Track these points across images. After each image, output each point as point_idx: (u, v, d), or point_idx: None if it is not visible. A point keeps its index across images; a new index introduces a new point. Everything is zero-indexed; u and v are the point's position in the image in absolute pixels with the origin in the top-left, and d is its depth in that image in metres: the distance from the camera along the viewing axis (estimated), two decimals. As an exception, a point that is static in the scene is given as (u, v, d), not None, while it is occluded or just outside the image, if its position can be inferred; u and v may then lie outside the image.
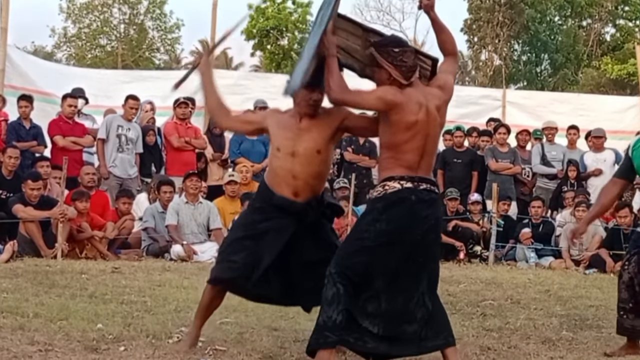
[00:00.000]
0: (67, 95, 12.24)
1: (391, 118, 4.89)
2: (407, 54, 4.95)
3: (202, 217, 11.21)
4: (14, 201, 10.21)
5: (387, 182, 4.91)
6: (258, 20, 39.39)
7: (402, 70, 4.92)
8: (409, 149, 4.91)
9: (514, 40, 44.30)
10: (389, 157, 4.97)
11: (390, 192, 4.88)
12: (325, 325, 4.79)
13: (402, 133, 4.88)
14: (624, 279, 5.91)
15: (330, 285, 4.82)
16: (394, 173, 4.91)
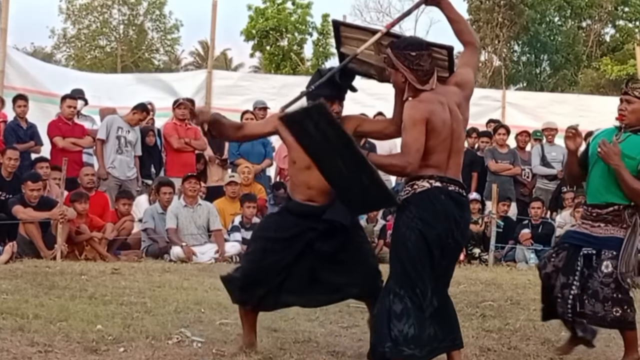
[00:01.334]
0: (67, 97, 12.23)
1: (426, 129, 4.79)
2: (424, 57, 4.86)
3: (201, 219, 11.21)
4: (13, 202, 10.21)
5: (416, 182, 4.84)
6: (257, 21, 39.39)
7: (419, 74, 4.85)
8: (435, 150, 4.83)
9: (514, 41, 44.29)
10: (420, 163, 4.85)
11: (419, 191, 4.82)
12: (398, 340, 4.71)
13: (434, 138, 4.79)
14: (547, 270, 5.66)
15: (398, 300, 4.76)
16: (423, 173, 4.83)
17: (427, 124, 4.75)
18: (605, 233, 5.51)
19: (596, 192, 5.55)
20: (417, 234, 4.76)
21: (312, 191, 5.29)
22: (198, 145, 12.75)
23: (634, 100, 5.50)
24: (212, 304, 7.17)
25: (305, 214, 5.31)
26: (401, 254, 4.82)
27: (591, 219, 5.57)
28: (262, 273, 5.31)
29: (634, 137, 5.51)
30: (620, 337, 6.07)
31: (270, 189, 13.21)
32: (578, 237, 5.63)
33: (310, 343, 5.87)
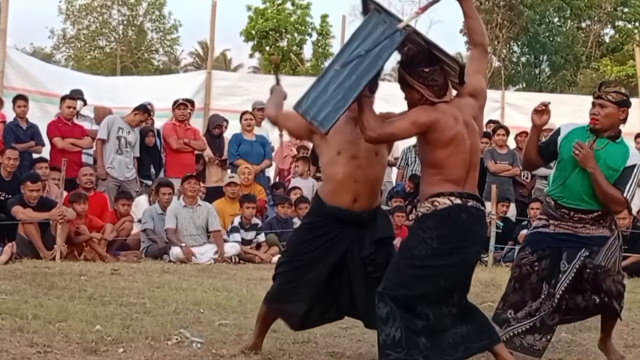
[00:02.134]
0: (66, 97, 12.23)
1: (428, 137, 4.80)
2: (438, 72, 4.84)
3: (200, 219, 11.21)
4: (13, 203, 10.20)
5: (436, 198, 4.81)
6: (257, 22, 39.41)
7: (434, 89, 4.83)
8: (454, 164, 4.83)
9: (513, 42, 44.30)
10: (434, 174, 4.86)
11: (440, 209, 4.80)
12: (385, 344, 4.74)
13: (442, 149, 4.78)
14: (532, 281, 5.50)
15: (383, 304, 4.77)
16: (443, 189, 4.82)
17: (427, 132, 4.78)
18: (594, 233, 5.48)
19: (579, 198, 5.44)
20: (429, 251, 4.77)
21: (359, 185, 5.16)
22: (197, 145, 12.76)
23: (607, 105, 5.46)
24: (211, 304, 7.18)
25: (346, 220, 5.21)
26: (403, 268, 4.83)
27: (572, 221, 5.48)
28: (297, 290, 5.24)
29: (613, 145, 5.50)
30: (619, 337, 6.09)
31: (269, 189, 13.22)
32: (561, 238, 5.50)
33: (310, 344, 5.87)
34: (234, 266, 10.57)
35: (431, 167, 4.88)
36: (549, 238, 5.53)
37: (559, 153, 5.57)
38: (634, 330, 6.92)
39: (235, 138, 12.95)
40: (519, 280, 5.52)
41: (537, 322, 5.44)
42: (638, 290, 9.45)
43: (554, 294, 5.42)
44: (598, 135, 5.50)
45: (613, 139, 5.54)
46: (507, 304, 5.54)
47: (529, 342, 5.45)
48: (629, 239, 11.35)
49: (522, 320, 5.45)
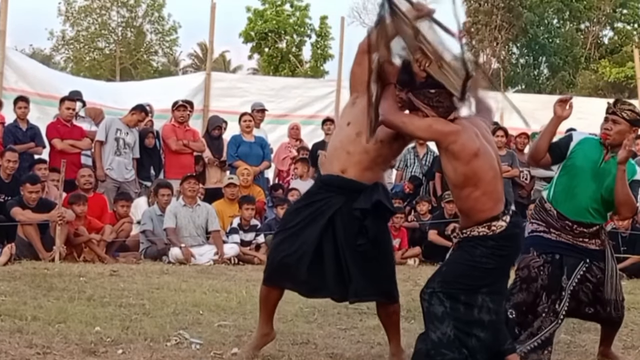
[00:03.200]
0: (65, 98, 12.23)
1: (451, 148, 4.74)
2: (443, 94, 4.82)
3: (200, 219, 11.21)
4: (12, 204, 10.20)
5: (492, 223, 4.82)
6: (256, 23, 39.42)
7: (440, 111, 4.82)
8: (492, 178, 4.84)
9: (512, 44, 44.36)
10: (478, 196, 4.80)
11: (499, 232, 4.82)
12: (441, 342, 4.75)
13: (476, 160, 4.75)
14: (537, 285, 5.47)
15: (438, 302, 4.79)
16: (494, 213, 4.82)
17: (442, 140, 4.77)
18: (590, 246, 5.52)
19: (584, 211, 5.46)
20: (491, 265, 4.82)
21: (351, 157, 5.16)
22: (196, 147, 12.76)
23: (620, 121, 5.46)
24: (211, 305, 7.18)
25: (337, 185, 5.21)
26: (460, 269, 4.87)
27: (573, 234, 5.50)
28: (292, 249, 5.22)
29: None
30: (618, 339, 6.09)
31: (268, 190, 13.22)
32: (563, 246, 5.52)
33: (309, 345, 5.87)
34: (233, 267, 10.57)
35: (469, 186, 4.79)
36: (553, 244, 5.54)
37: (570, 159, 5.57)
38: (633, 332, 6.92)
39: (234, 139, 12.95)
40: (526, 281, 5.50)
41: (540, 340, 5.45)
42: (637, 292, 9.44)
43: (558, 313, 5.45)
44: (608, 150, 5.51)
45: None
46: (509, 303, 5.50)
47: (533, 359, 5.45)
48: (628, 240, 11.35)
49: (524, 342, 5.42)
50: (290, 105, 16.16)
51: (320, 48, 40.13)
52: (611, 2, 43.73)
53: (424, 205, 12.52)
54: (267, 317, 5.49)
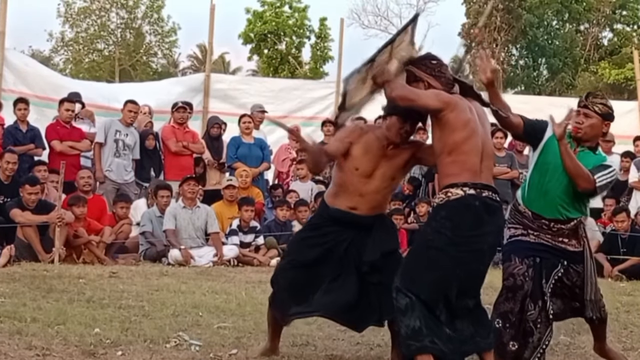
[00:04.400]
0: (64, 100, 12.22)
1: (447, 117, 4.85)
2: (444, 66, 5.03)
3: (200, 221, 11.21)
4: (11, 206, 10.20)
5: (450, 189, 4.89)
6: (255, 25, 39.41)
7: (442, 81, 4.99)
8: (469, 149, 4.90)
9: (512, 45, 44.35)
10: (450, 162, 4.91)
11: (453, 199, 4.87)
12: (407, 335, 4.78)
13: (460, 131, 4.86)
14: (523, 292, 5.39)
15: (402, 295, 4.81)
16: (458, 179, 4.88)
17: (445, 110, 4.84)
18: (571, 247, 5.44)
19: (558, 207, 5.39)
20: (444, 241, 4.82)
21: (363, 199, 5.26)
22: (196, 148, 12.76)
23: (592, 115, 5.41)
24: (210, 307, 7.18)
25: (347, 222, 5.28)
26: (419, 258, 4.89)
27: (551, 233, 5.42)
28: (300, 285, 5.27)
29: (592, 154, 5.44)
30: (618, 340, 6.09)
31: (267, 192, 13.23)
32: (541, 249, 5.45)
33: (309, 346, 5.88)
34: (233, 269, 10.57)
35: (448, 154, 4.91)
36: (532, 246, 5.48)
37: (541, 156, 5.48)
38: (633, 333, 6.92)
39: (234, 141, 12.95)
40: (512, 290, 5.45)
41: (542, 349, 5.40)
42: (636, 293, 9.44)
43: (549, 317, 5.39)
44: (579, 144, 5.45)
45: (592, 150, 5.48)
46: (496, 312, 5.46)
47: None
48: (627, 242, 11.35)
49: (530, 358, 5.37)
50: (290, 106, 16.15)
51: (320, 49, 40.12)
52: (610, 4, 43.73)
53: (423, 207, 12.52)
54: (274, 335, 5.56)
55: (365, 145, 5.25)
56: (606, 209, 12.57)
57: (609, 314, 7.65)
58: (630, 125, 15.82)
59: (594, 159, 5.42)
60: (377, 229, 5.30)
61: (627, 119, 16.14)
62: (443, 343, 4.77)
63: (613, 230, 11.71)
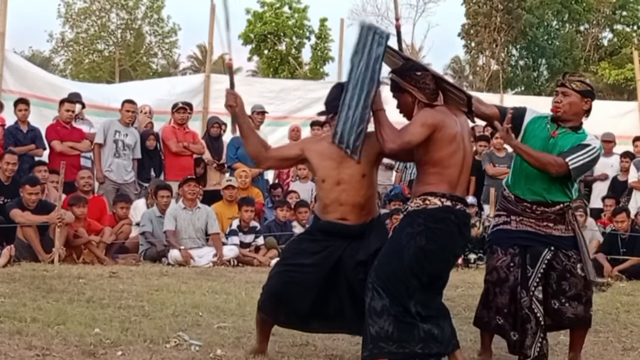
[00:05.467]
0: (65, 100, 12.23)
1: (435, 136, 4.94)
2: (429, 77, 5.04)
3: (200, 222, 11.21)
4: (11, 206, 10.20)
5: (428, 197, 5.01)
6: (255, 25, 39.41)
7: (426, 92, 5.02)
8: (452, 163, 5.01)
9: (512, 45, 44.37)
10: (433, 173, 5.03)
11: (430, 208, 4.98)
12: (379, 336, 4.84)
13: (447, 147, 4.97)
14: (510, 284, 5.39)
15: (378, 297, 4.88)
16: (437, 189, 5.00)
17: (435, 131, 4.92)
18: (558, 232, 5.41)
19: (539, 190, 5.36)
20: (416, 249, 4.91)
21: (345, 207, 5.24)
22: (196, 149, 12.77)
23: (570, 93, 5.39)
24: (210, 307, 7.18)
25: (338, 233, 5.27)
26: (393, 261, 4.93)
27: (534, 217, 5.39)
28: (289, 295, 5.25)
29: (573, 134, 5.38)
30: (618, 341, 6.08)
31: (267, 192, 13.22)
32: (524, 236, 5.42)
33: (308, 347, 5.87)
34: (233, 269, 10.57)
35: (432, 166, 5.02)
36: (514, 235, 5.45)
37: (522, 139, 5.45)
38: (633, 333, 6.92)
39: (234, 141, 12.93)
40: (497, 284, 5.44)
41: (543, 332, 5.40)
42: (636, 293, 9.44)
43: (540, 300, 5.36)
44: (559, 125, 5.42)
45: (575, 129, 5.43)
46: (492, 311, 5.47)
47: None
48: (627, 242, 11.35)
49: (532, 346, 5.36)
50: (290, 107, 16.15)
51: (320, 50, 40.13)
52: (610, 4, 43.75)
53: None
54: (262, 337, 5.56)
55: (320, 152, 5.24)
56: (606, 209, 12.58)
57: (609, 314, 7.70)
58: (630, 125, 15.83)
59: (574, 139, 5.37)
60: (369, 234, 5.29)
61: (627, 119, 16.16)
62: (415, 344, 4.88)
63: (613, 230, 11.71)
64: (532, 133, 5.44)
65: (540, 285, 5.37)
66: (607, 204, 12.59)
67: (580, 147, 5.31)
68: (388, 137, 4.92)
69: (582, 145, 5.33)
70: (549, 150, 5.35)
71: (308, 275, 5.21)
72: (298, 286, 5.21)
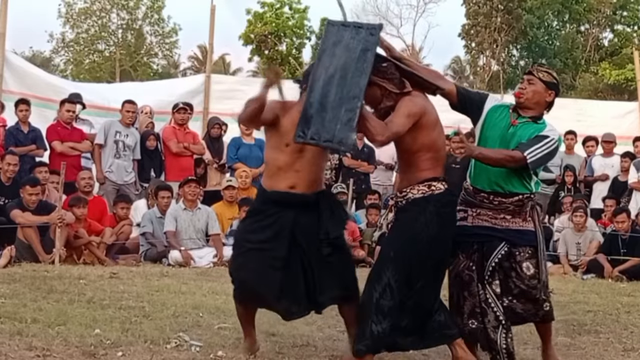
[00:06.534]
0: (65, 101, 12.23)
1: (422, 122, 5.05)
2: (393, 66, 5.14)
3: (200, 222, 11.21)
4: (12, 206, 10.20)
5: (433, 183, 5.11)
6: (256, 26, 39.44)
7: (395, 82, 5.11)
8: (441, 146, 5.21)
9: (512, 46, 44.39)
10: (429, 158, 5.13)
11: (437, 193, 5.09)
12: (379, 336, 4.96)
13: (433, 130, 5.11)
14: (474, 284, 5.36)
15: (389, 296, 4.95)
16: (437, 174, 5.14)
17: (420, 117, 5.03)
18: (513, 225, 5.35)
19: (497, 179, 5.32)
20: (432, 236, 5.00)
21: (301, 174, 5.23)
22: (197, 149, 12.77)
23: (536, 82, 5.37)
24: (210, 308, 7.18)
25: (288, 203, 5.24)
26: (410, 253, 5.00)
27: (491, 208, 5.35)
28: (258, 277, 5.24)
29: (532, 124, 5.34)
30: (618, 342, 6.08)
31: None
32: (480, 232, 5.37)
33: (309, 347, 5.88)
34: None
35: (426, 151, 5.11)
36: (469, 231, 5.39)
37: (482, 128, 5.45)
38: (633, 334, 6.91)
39: (234, 142, 12.96)
40: (464, 288, 5.40)
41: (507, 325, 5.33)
42: (637, 294, 9.44)
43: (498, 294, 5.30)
44: (519, 114, 5.38)
45: (535, 119, 5.38)
46: (465, 316, 5.39)
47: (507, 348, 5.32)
48: (627, 243, 11.35)
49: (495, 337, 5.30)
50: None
51: (320, 50, 40.10)
52: (611, 5, 43.75)
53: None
54: (246, 330, 5.57)
55: (293, 119, 5.16)
56: (606, 209, 12.58)
57: (610, 315, 7.70)
58: (630, 125, 15.82)
59: (533, 129, 5.33)
60: (325, 209, 5.26)
61: (628, 120, 16.15)
62: (404, 337, 5.04)
63: (613, 231, 11.71)
64: (492, 122, 5.41)
65: (496, 279, 5.32)
66: (607, 204, 12.59)
67: (538, 139, 5.27)
68: (376, 131, 4.97)
69: (540, 137, 5.28)
70: (508, 140, 5.32)
71: (269, 252, 5.19)
72: (264, 264, 5.18)
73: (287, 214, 5.21)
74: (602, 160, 13.33)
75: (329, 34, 5.16)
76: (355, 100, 4.89)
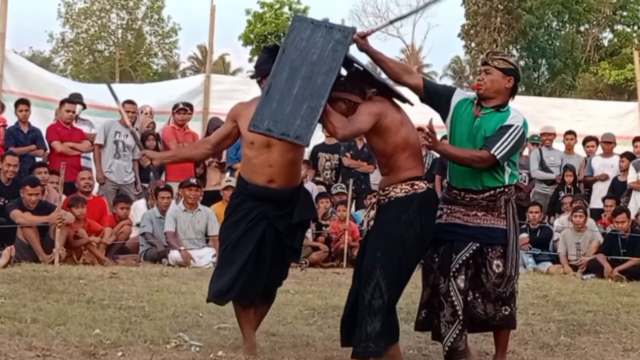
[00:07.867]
0: (65, 101, 12.22)
1: (384, 123, 5.10)
2: (352, 78, 5.22)
3: (200, 223, 11.21)
4: (11, 207, 10.20)
5: (415, 182, 5.16)
6: (256, 26, 39.46)
7: (357, 92, 5.19)
8: (415, 142, 5.23)
9: (512, 46, 44.38)
10: (407, 157, 5.17)
11: (420, 192, 5.14)
12: (374, 336, 5.02)
13: (401, 130, 5.14)
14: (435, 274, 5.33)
15: (379, 295, 5.00)
16: (418, 173, 5.19)
17: (380, 119, 5.07)
18: (485, 223, 5.29)
19: (467, 175, 5.29)
20: (416, 234, 5.06)
21: (274, 169, 5.36)
22: (196, 149, 12.74)
23: (492, 71, 5.33)
24: (210, 308, 7.15)
25: (265, 197, 5.39)
26: (396, 252, 5.05)
27: (463, 204, 5.31)
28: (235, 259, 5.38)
29: (495, 113, 5.29)
30: (618, 341, 6.07)
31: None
32: (452, 230, 5.32)
33: (308, 347, 5.88)
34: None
35: (401, 151, 5.15)
36: (442, 228, 5.35)
37: (451, 123, 5.39)
38: (633, 334, 6.91)
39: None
40: (423, 277, 5.46)
41: (460, 324, 5.26)
42: (637, 294, 9.44)
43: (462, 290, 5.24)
44: (482, 107, 5.34)
45: (498, 108, 5.32)
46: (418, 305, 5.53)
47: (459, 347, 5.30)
48: (627, 243, 11.35)
49: (447, 333, 5.26)
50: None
51: (320, 50, 40.15)
52: (611, 5, 43.77)
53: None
54: (247, 331, 5.61)
55: (249, 117, 5.16)
56: (606, 209, 12.57)
57: (609, 315, 7.70)
58: (630, 125, 15.82)
59: (496, 119, 5.28)
60: (298, 202, 5.46)
61: (627, 120, 16.14)
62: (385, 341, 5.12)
63: (613, 231, 11.71)
64: (459, 117, 5.38)
65: (462, 274, 5.26)
66: (607, 204, 12.58)
67: (502, 130, 5.21)
68: (339, 125, 5.01)
69: (505, 128, 5.22)
70: (474, 135, 5.27)
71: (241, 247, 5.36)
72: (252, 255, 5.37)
73: (267, 207, 5.39)
74: (602, 160, 13.32)
75: (296, 29, 5.11)
76: (320, 99, 4.91)
